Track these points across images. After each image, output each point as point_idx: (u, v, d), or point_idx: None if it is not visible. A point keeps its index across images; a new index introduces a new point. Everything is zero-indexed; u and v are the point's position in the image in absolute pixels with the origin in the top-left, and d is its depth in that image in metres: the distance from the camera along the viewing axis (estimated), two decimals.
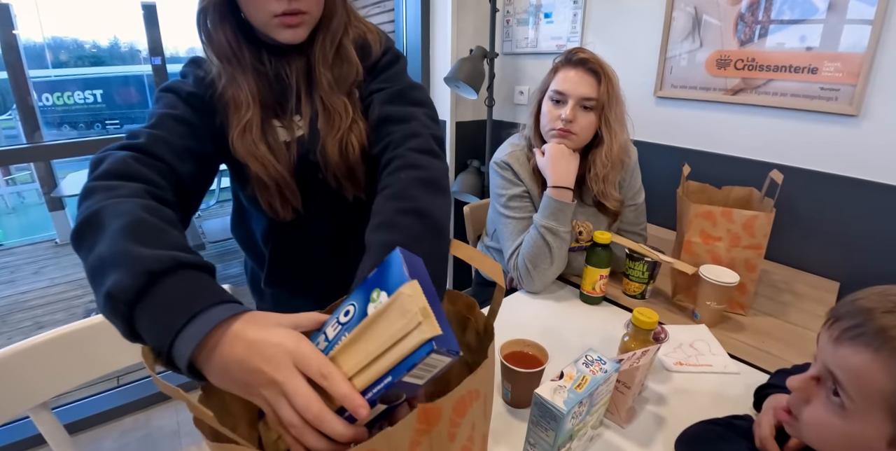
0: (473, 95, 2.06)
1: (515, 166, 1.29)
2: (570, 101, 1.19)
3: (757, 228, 1.12)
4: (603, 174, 1.26)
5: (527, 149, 1.33)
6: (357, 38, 0.83)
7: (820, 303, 1.32)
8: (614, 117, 1.21)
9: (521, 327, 1.12)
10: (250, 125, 0.77)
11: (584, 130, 1.21)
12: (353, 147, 0.81)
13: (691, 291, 1.22)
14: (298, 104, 0.82)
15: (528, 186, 1.30)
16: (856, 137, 1.42)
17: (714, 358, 1.01)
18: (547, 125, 1.24)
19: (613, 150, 1.23)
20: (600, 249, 1.14)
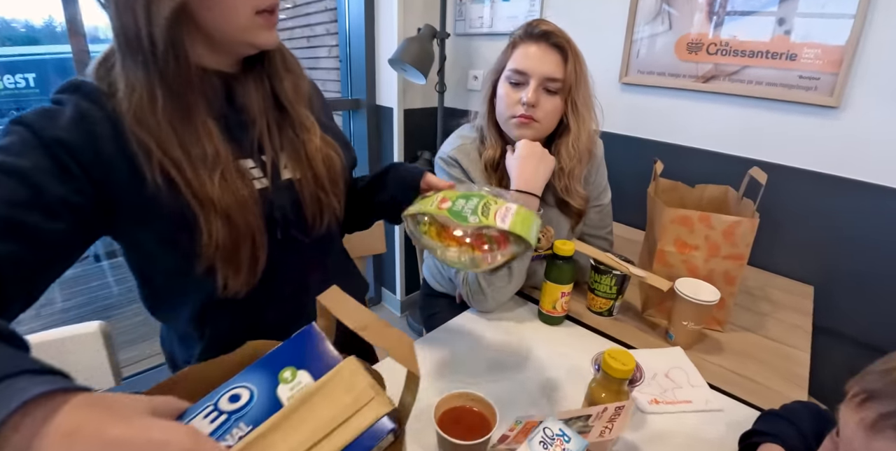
0: (421, 80, 1.86)
1: (464, 163, 1.11)
2: (532, 81, 1.00)
3: (739, 235, 0.97)
4: (569, 168, 1.09)
5: (478, 142, 1.14)
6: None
7: (797, 312, 1.21)
8: (582, 101, 1.04)
9: (467, 357, 0.94)
10: (227, 167, 0.63)
11: (547, 117, 1.04)
12: (331, 160, 0.76)
13: (664, 306, 1.07)
14: (261, 142, 0.70)
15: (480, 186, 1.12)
16: (835, 130, 1.30)
17: (693, 392, 0.87)
18: (505, 112, 1.05)
19: (581, 139, 1.07)
20: (562, 262, 0.98)
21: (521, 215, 0.68)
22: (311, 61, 2.77)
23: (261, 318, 0.76)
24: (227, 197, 0.62)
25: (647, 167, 1.22)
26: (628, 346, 0.99)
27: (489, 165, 1.11)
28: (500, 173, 1.12)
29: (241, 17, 0.61)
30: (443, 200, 0.70)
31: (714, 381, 0.91)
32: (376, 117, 2.22)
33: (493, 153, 1.10)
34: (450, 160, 1.12)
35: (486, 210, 0.67)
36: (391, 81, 2.08)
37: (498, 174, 1.12)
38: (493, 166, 1.11)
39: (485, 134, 1.13)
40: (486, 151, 1.11)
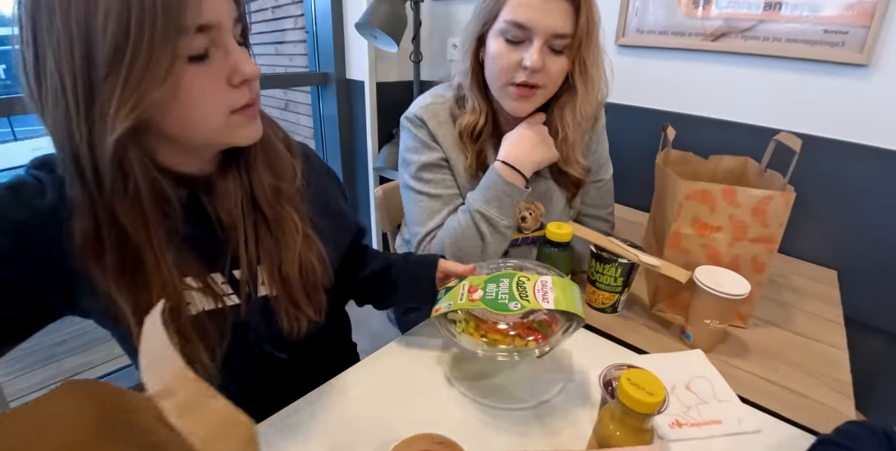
0: (393, 47, 1.65)
1: (432, 124, 0.92)
2: (537, 39, 0.79)
3: (771, 213, 0.79)
4: (572, 138, 0.92)
5: (453, 103, 0.95)
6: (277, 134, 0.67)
7: (824, 301, 1.05)
8: (592, 59, 0.84)
9: (442, 368, 0.76)
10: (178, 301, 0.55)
11: (553, 82, 0.85)
12: (313, 267, 0.66)
13: (679, 298, 0.90)
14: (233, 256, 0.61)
15: (449, 153, 0.94)
16: (864, 92, 1.13)
17: (722, 408, 0.69)
18: (499, 76, 0.84)
19: (588, 104, 0.89)
20: (557, 250, 0.79)
21: (560, 287, 0.65)
22: (278, 34, 2.54)
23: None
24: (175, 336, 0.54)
25: (649, 140, 1.04)
26: (637, 349, 0.82)
27: (466, 133, 0.92)
28: (480, 146, 0.93)
29: (215, 121, 0.51)
30: (472, 289, 0.68)
31: (744, 392, 0.74)
32: (346, 92, 2.02)
33: (473, 120, 0.91)
34: (416, 120, 0.94)
35: (523, 291, 0.65)
36: (361, 52, 1.88)
37: (477, 147, 0.93)
38: (472, 135, 0.93)
39: (465, 95, 0.92)
40: (463, 116, 0.92)
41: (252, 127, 0.56)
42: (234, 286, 0.62)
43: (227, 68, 0.50)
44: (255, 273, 0.63)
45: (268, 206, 0.62)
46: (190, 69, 0.47)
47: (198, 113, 0.50)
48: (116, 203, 0.48)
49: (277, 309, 0.65)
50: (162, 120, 0.49)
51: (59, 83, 0.43)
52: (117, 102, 0.43)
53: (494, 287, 0.68)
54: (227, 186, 0.59)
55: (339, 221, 0.77)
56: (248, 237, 0.61)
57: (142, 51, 0.42)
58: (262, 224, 0.62)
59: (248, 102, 0.53)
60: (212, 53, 0.49)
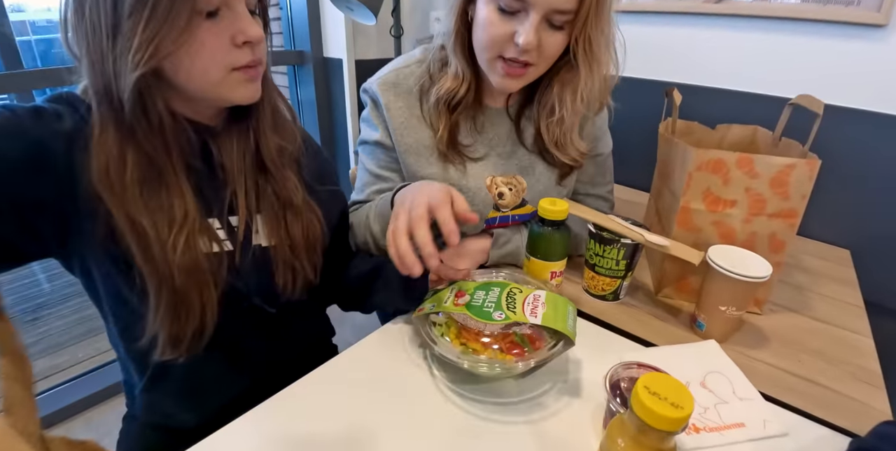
0: (371, 19, 1.53)
1: (387, 99, 0.82)
2: (534, 13, 0.67)
3: (793, 184, 0.70)
4: (570, 121, 0.81)
5: (430, 65, 0.83)
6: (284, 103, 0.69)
7: (840, 282, 0.97)
8: (599, 38, 0.72)
9: (424, 368, 0.67)
10: (193, 234, 0.58)
11: (546, 60, 0.74)
12: (313, 226, 0.70)
13: (687, 282, 0.80)
14: (233, 203, 0.63)
15: (402, 131, 0.84)
16: (880, 55, 1.03)
17: (744, 408, 0.60)
18: (487, 47, 0.73)
19: (592, 87, 0.77)
20: (552, 230, 0.69)
21: (553, 303, 0.62)
22: None
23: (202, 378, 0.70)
24: (187, 265, 0.57)
25: (648, 113, 0.94)
26: (645, 342, 0.73)
27: (443, 101, 0.81)
28: (456, 118, 0.83)
29: (213, 75, 0.55)
30: (459, 293, 0.66)
31: (767, 389, 0.65)
32: (324, 72, 1.90)
33: (454, 86, 0.80)
34: (371, 93, 0.85)
35: (512, 302, 0.62)
36: (338, 28, 1.76)
37: (452, 118, 0.82)
38: (450, 104, 0.81)
39: (448, 58, 0.81)
40: (444, 81, 0.80)
41: (250, 87, 0.58)
42: (228, 234, 0.63)
43: (233, 28, 0.53)
44: (253, 221, 0.65)
45: (272, 164, 0.65)
46: (205, 24, 0.51)
47: (200, 65, 0.53)
48: (139, 129, 0.53)
49: (276, 259, 0.67)
50: (169, 67, 0.53)
51: (95, 18, 0.49)
52: (138, 42, 0.48)
53: (483, 294, 0.64)
54: (231, 137, 0.63)
55: (331, 192, 0.78)
56: (249, 187, 0.64)
57: (163, 1, 0.47)
58: (264, 179, 0.65)
59: (249, 63, 0.56)
60: (222, 12, 0.53)
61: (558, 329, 0.58)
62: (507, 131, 0.87)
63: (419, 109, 0.84)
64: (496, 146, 0.87)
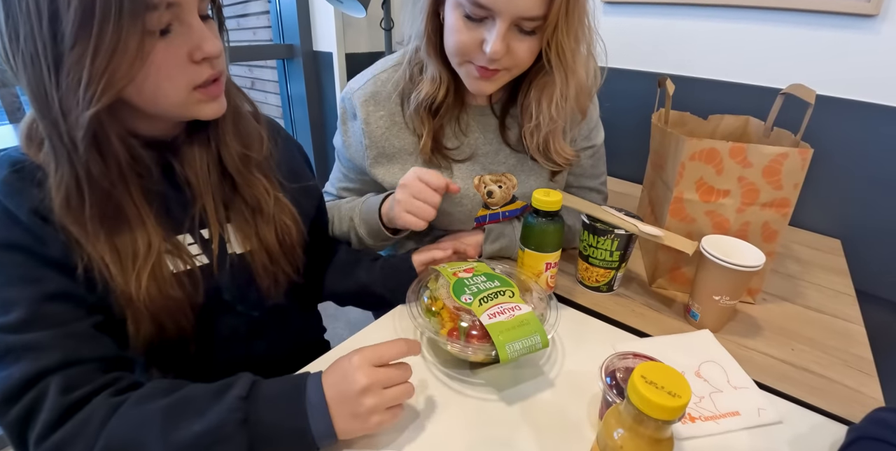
0: (361, 12, 1.52)
1: (365, 111, 0.80)
2: (500, 21, 0.64)
3: (785, 173, 0.70)
4: (546, 128, 0.78)
5: (407, 70, 0.79)
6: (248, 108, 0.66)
7: (832, 271, 0.98)
8: (573, 44, 0.69)
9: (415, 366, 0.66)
10: (159, 264, 0.55)
11: (519, 64, 0.71)
12: (287, 227, 0.68)
13: (680, 272, 0.81)
14: (203, 216, 0.61)
15: (382, 143, 0.82)
16: (872, 45, 1.03)
17: (739, 397, 0.61)
18: (457, 54, 0.70)
19: (568, 95, 0.74)
20: (546, 221, 0.69)
21: (518, 324, 0.59)
22: (240, 7, 2.38)
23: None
24: (155, 298, 0.55)
25: (640, 105, 0.94)
26: (639, 333, 0.73)
27: (424, 107, 0.78)
28: (439, 122, 0.80)
29: (175, 96, 0.51)
30: (468, 269, 0.68)
31: (761, 377, 0.65)
32: (314, 65, 1.88)
33: (432, 91, 0.77)
34: (348, 106, 0.82)
35: (489, 298, 0.62)
36: (328, 21, 1.74)
37: (435, 123, 0.80)
38: (430, 110, 0.79)
39: (423, 63, 0.77)
40: (422, 86, 0.77)
41: (214, 104, 0.55)
42: (202, 246, 0.62)
43: (188, 44, 0.49)
44: (225, 231, 0.63)
45: (237, 172, 0.63)
46: (158, 44, 0.47)
47: (159, 87, 0.50)
48: (94, 167, 0.49)
49: (254, 266, 0.65)
50: (126, 93, 0.48)
51: (32, 49, 0.43)
52: (87, 76, 0.43)
53: (482, 280, 0.65)
54: (192, 150, 0.60)
55: (306, 185, 0.75)
56: (216, 198, 0.62)
57: (109, 27, 0.42)
58: (231, 188, 0.63)
59: (209, 78, 0.52)
60: (174, 28, 0.48)
61: (493, 338, 0.56)
62: (492, 130, 0.85)
63: (401, 116, 0.81)
64: (482, 146, 0.84)
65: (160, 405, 0.47)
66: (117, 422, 0.46)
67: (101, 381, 0.50)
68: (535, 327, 0.58)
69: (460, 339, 0.59)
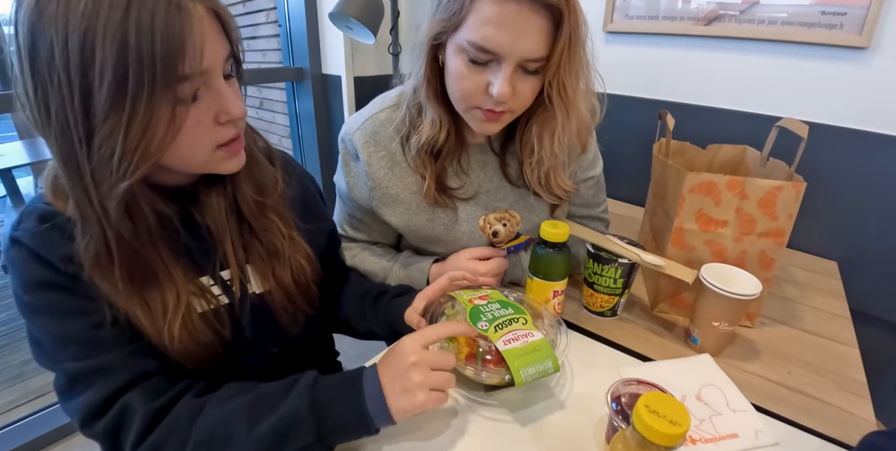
0: (370, 39, 1.57)
1: (367, 153, 0.81)
2: (506, 65, 0.65)
3: (780, 205, 0.74)
4: (549, 163, 0.80)
5: (405, 112, 0.80)
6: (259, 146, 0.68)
7: (828, 294, 1.01)
8: (573, 82, 0.70)
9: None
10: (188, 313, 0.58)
11: (524, 105, 0.72)
12: (302, 267, 0.70)
13: (681, 298, 0.84)
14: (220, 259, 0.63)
15: (387, 183, 0.83)
16: (865, 76, 1.08)
17: (737, 420, 0.64)
18: (463, 100, 0.71)
19: (569, 130, 0.76)
20: (553, 252, 0.73)
21: (534, 348, 0.62)
22: (250, 29, 2.44)
23: None
24: (187, 344, 0.58)
25: (642, 131, 0.98)
26: (642, 357, 0.76)
27: (425, 150, 0.79)
28: (441, 165, 0.81)
29: (201, 156, 0.54)
30: (483, 297, 0.71)
31: (759, 400, 0.68)
32: (323, 88, 1.93)
33: (432, 134, 0.78)
34: (350, 147, 0.83)
35: (504, 324, 0.65)
36: (337, 45, 1.79)
37: (437, 166, 0.81)
38: (433, 152, 0.80)
39: (423, 107, 0.78)
40: (422, 130, 0.78)
41: (236, 160, 0.58)
42: (223, 288, 0.64)
43: (215, 108, 0.51)
44: (245, 273, 0.65)
45: (252, 217, 0.64)
46: (186, 112, 0.49)
47: (186, 149, 0.51)
48: (124, 230, 0.50)
49: (273, 305, 0.68)
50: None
51: (63, 121, 0.44)
52: (120, 150, 0.44)
53: (496, 307, 0.69)
54: (210, 197, 0.61)
55: (319, 224, 0.77)
56: (235, 242, 0.63)
57: (142, 101, 0.43)
58: (248, 231, 0.65)
59: (233, 138, 0.55)
60: (202, 94, 0.50)
61: (508, 362, 0.59)
62: (493, 168, 0.86)
63: (402, 157, 0.82)
64: (484, 183, 0.86)
65: (240, 402, 0.53)
66: (204, 419, 0.52)
67: (179, 387, 0.56)
68: (548, 352, 0.61)
69: (477, 363, 0.63)
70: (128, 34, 0.41)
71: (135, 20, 0.41)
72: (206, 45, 0.47)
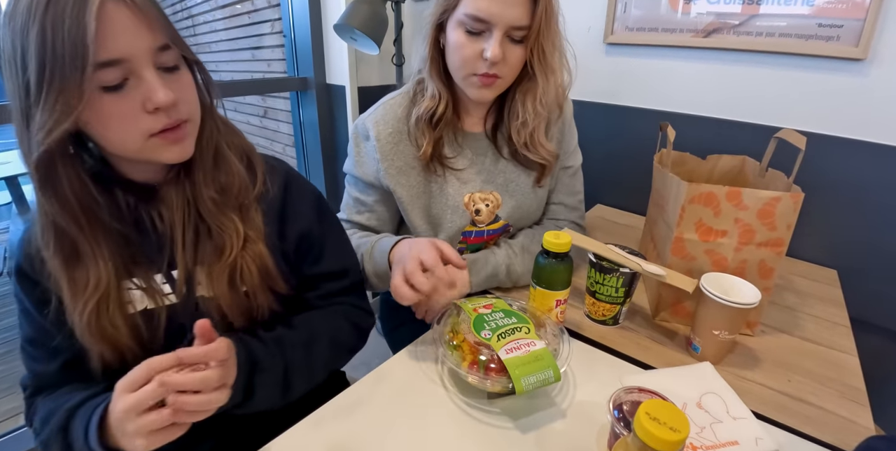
0: (374, 50, 1.60)
1: (378, 129, 0.91)
2: (496, 31, 0.80)
3: (779, 216, 0.75)
4: (532, 123, 0.92)
5: (410, 97, 0.94)
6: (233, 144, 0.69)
7: (828, 302, 1.02)
8: (550, 48, 0.85)
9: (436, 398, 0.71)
10: (105, 299, 0.60)
11: (512, 71, 0.86)
12: (249, 272, 0.67)
13: (682, 306, 0.85)
14: (172, 257, 0.65)
15: (391, 158, 0.93)
16: (861, 87, 1.09)
17: (738, 427, 0.65)
18: (462, 67, 0.84)
19: (548, 93, 0.90)
20: (555, 261, 0.74)
21: (536, 357, 0.64)
22: (254, 40, 2.48)
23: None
24: (94, 332, 0.60)
25: (642, 141, 1.00)
26: (643, 365, 0.77)
27: (424, 119, 0.91)
28: (438, 134, 0.93)
29: (133, 143, 0.56)
30: (487, 306, 0.73)
31: (759, 408, 0.70)
32: (327, 98, 1.96)
33: (432, 105, 0.91)
34: (357, 127, 0.94)
35: (507, 334, 0.67)
36: (341, 56, 1.82)
37: (435, 134, 0.92)
38: (430, 121, 0.92)
39: (425, 84, 0.92)
40: (422, 104, 0.91)
41: (175, 148, 0.58)
42: (172, 288, 0.65)
43: (140, 97, 0.53)
44: (193, 274, 0.66)
45: (209, 214, 0.65)
46: (105, 98, 0.52)
47: (116, 135, 0.55)
48: (48, 206, 0.55)
49: (219, 309, 0.67)
50: (93, 136, 0.56)
51: (14, 102, 0.52)
52: (40, 122, 0.50)
53: (501, 316, 0.71)
54: (170, 194, 0.63)
55: (305, 246, 0.76)
56: (187, 241, 0.64)
57: (55, 84, 0.49)
58: (204, 230, 0.66)
59: (165, 126, 0.56)
60: (129, 83, 0.53)
61: (509, 371, 0.61)
62: (485, 148, 0.98)
63: (406, 132, 0.93)
64: (476, 163, 0.98)
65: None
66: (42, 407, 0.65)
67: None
68: (549, 362, 0.62)
69: (479, 371, 0.64)
70: (45, 28, 0.48)
71: (51, 16, 0.48)
72: (117, 34, 0.50)
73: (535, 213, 1.05)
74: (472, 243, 1.00)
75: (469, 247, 1.01)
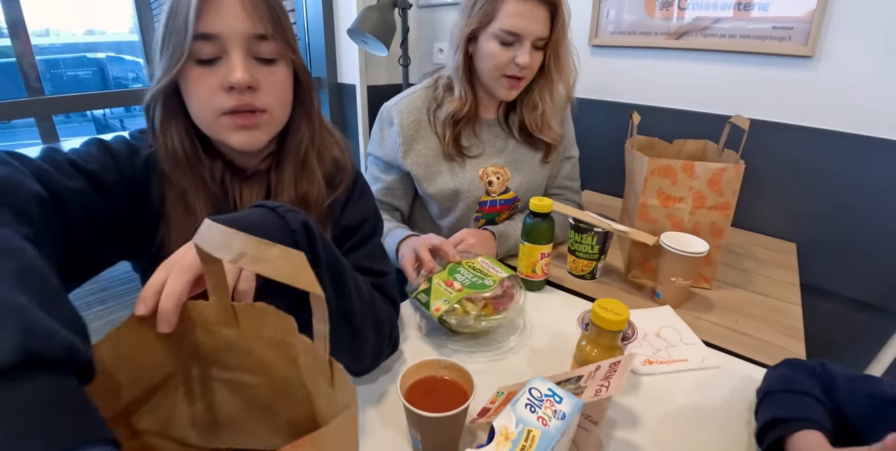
0: (383, 51, 1.76)
1: (401, 117, 1.07)
2: (526, 43, 0.97)
3: (724, 183, 0.91)
4: (549, 112, 1.11)
5: (440, 90, 1.10)
6: (326, 155, 0.72)
7: (783, 268, 1.17)
8: (563, 52, 1.04)
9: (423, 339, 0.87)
10: None
11: (533, 72, 1.05)
12: None
13: (649, 264, 1.01)
14: None
15: (412, 143, 1.09)
16: (811, 80, 1.25)
17: (688, 350, 0.81)
18: (494, 71, 1.01)
19: (560, 88, 1.10)
20: (539, 220, 0.90)
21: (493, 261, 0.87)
22: None
23: None
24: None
25: (620, 131, 1.16)
26: None
27: (449, 118, 1.07)
28: (458, 130, 1.09)
29: (206, 117, 0.60)
30: (448, 282, 0.82)
31: (709, 338, 0.85)
32: (338, 96, 2.12)
33: (458, 106, 1.07)
34: (382, 114, 1.11)
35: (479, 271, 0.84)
36: (352, 57, 1.98)
37: (455, 130, 1.08)
38: (453, 121, 1.08)
39: (453, 85, 1.08)
40: (451, 104, 1.07)
41: (242, 134, 0.60)
42: None
43: (223, 74, 0.57)
44: None
45: None
46: (197, 69, 0.57)
47: (196, 106, 0.59)
48: (161, 153, 0.61)
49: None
50: (186, 104, 0.61)
51: (160, 36, 0.59)
52: (159, 66, 0.58)
53: (461, 276, 0.83)
54: (254, 183, 0.68)
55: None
56: None
57: (168, 43, 0.57)
58: None
59: (235, 108, 0.58)
60: (220, 61, 0.57)
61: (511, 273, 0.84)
62: (497, 131, 1.15)
63: (428, 122, 1.09)
64: (489, 145, 1.14)
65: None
66: None
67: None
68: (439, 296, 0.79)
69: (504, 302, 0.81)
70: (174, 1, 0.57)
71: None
72: (219, 13, 0.55)
73: (540, 187, 1.22)
74: (486, 213, 1.17)
75: (484, 216, 1.17)
